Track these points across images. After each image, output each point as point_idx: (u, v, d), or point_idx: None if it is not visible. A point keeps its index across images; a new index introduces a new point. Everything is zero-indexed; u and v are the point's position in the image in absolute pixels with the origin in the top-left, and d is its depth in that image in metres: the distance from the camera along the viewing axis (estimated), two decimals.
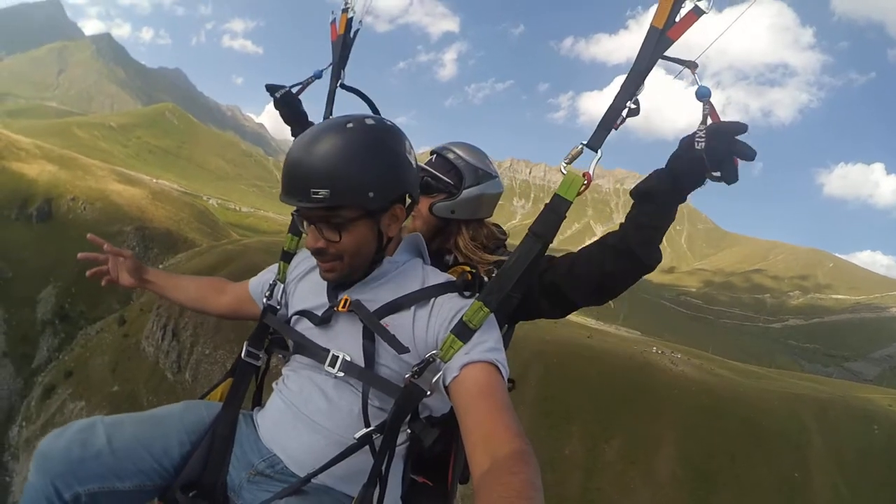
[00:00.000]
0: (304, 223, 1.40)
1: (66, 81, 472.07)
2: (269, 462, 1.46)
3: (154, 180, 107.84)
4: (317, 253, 1.39)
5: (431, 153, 1.97)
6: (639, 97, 1.29)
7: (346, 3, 2.02)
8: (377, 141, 1.33)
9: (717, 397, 35.28)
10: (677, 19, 1.25)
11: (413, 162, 1.44)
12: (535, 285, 1.59)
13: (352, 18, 2.03)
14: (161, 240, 71.51)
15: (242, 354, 1.70)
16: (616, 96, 1.30)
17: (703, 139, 1.24)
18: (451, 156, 1.90)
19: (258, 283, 1.83)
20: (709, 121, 1.25)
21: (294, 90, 2.08)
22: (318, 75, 2.05)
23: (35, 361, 55.78)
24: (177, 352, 43.66)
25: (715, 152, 1.23)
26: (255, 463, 1.48)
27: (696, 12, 1.24)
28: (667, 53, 1.27)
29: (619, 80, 1.33)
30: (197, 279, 2.08)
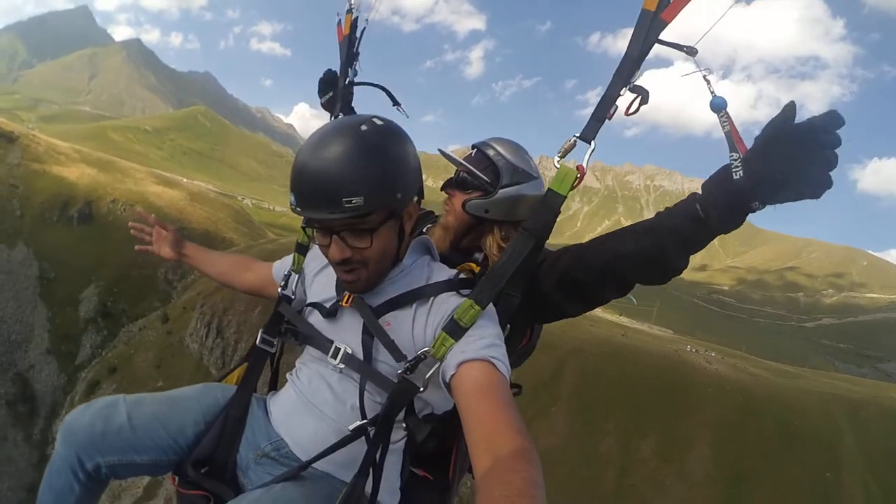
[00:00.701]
0: (321, 234, 1.39)
1: (98, 87, 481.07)
2: (275, 445, 1.53)
3: (191, 182, 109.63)
4: (343, 263, 1.37)
5: (472, 147, 1.92)
6: (643, 85, 1.25)
7: (350, 4, 2.07)
8: (395, 141, 1.34)
9: (751, 396, 35.45)
10: (669, 0, 1.20)
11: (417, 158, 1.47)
12: (542, 279, 1.58)
13: (356, 18, 2.07)
14: (200, 240, 68.38)
15: (257, 341, 1.77)
16: (609, 85, 1.28)
17: (739, 167, 1.13)
18: (490, 152, 1.84)
19: (280, 267, 1.90)
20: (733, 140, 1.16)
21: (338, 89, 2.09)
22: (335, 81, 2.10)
23: (78, 359, 57.29)
24: (220, 348, 44.48)
25: (775, 173, 1.11)
26: (263, 445, 1.54)
27: None
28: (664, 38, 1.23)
29: (650, 74, 1.29)
30: (228, 256, 2.21)
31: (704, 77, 1.17)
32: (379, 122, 1.33)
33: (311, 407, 1.50)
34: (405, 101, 1.98)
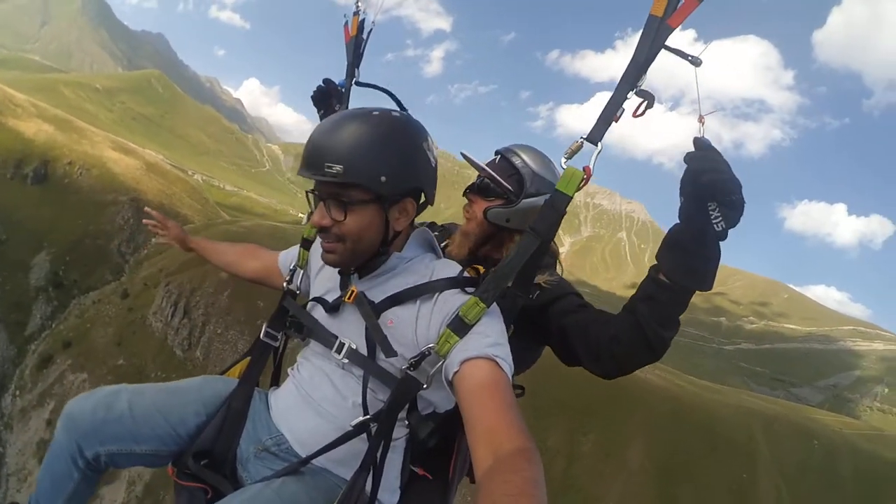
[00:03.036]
0: (315, 201, 1.48)
1: (48, 34, 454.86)
2: (276, 440, 1.52)
3: (146, 151, 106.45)
4: (321, 231, 1.41)
5: (496, 153, 1.89)
6: (647, 89, 1.28)
7: (357, 6, 2.08)
8: (397, 131, 1.36)
9: (679, 403, 39.80)
10: (676, 7, 1.22)
11: (433, 160, 1.46)
12: (555, 321, 1.62)
13: (363, 20, 2.09)
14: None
15: (261, 335, 1.77)
16: (616, 88, 1.29)
17: (719, 218, 1.21)
18: (516, 160, 1.81)
19: (286, 258, 1.91)
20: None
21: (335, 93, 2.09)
22: (342, 84, 2.08)
23: (28, 329, 55.05)
24: (188, 329, 43.83)
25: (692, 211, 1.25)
26: (264, 439, 1.53)
27: None
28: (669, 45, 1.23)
29: (602, 97, 1.32)
30: (234, 245, 2.23)
31: (700, 119, 1.24)
32: (395, 114, 1.40)
33: (311, 402, 1.50)
34: (361, 92, 2.01)
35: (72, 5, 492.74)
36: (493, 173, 1.81)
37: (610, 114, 1.29)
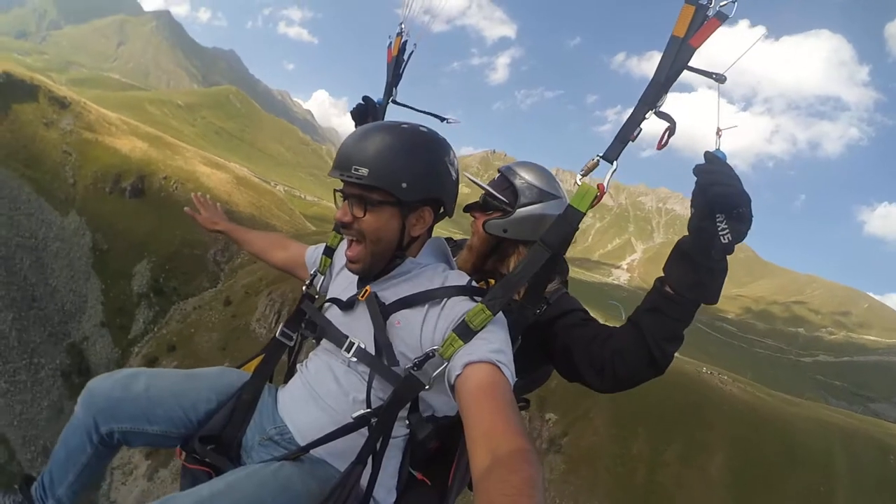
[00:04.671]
0: (342, 200, 1.54)
1: (125, 54, 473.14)
2: (279, 430, 1.61)
3: (236, 165, 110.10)
4: (342, 226, 1.53)
5: (498, 172, 1.99)
6: (668, 111, 1.29)
7: (401, 28, 2.16)
8: (422, 144, 1.47)
9: (759, 416, 40.58)
10: (698, 27, 1.23)
11: (454, 174, 1.55)
12: (559, 338, 1.66)
13: (405, 42, 2.17)
14: (246, 225, 61.81)
15: (277, 334, 1.88)
16: (635, 108, 1.31)
17: (726, 230, 1.28)
18: (510, 175, 1.90)
19: (313, 254, 2.04)
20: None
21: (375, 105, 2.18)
22: (381, 102, 2.18)
23: (132, 333, 56.67)
24: None
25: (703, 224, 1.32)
26: (268, 429, 1.63)
27: (720, 17, 1.21)
28: (693, 64, 1.25)
29: (670, 98, 1.27)
30: (267, 234, 2.42)
31: (718, 132, 1.27)
32: (423, 129, 1.50)
33: (315, 396, 1.58)
34: (427, 101, 2.95)
35: (146, 26, 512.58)
36: (488, 188, 1.91)
37: (627, 133, 1.33)
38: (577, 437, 35.27)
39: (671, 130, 1.29)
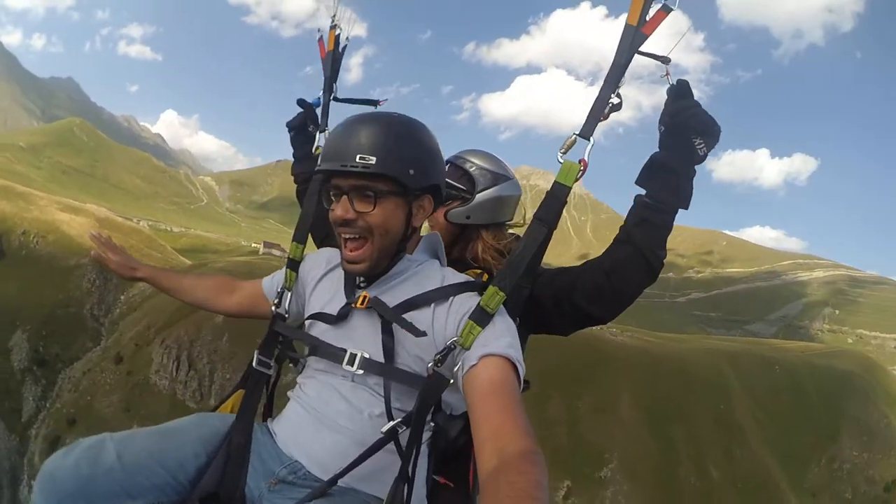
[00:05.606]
0: (333, 197, 1.40)
1: None
2: (290, 468, 1.40)
3: (95, 206, 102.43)
4: (344, 224, 1.37)
5: (446, 162, 1.89)
6: (620, 91, 1.43)
7: (334, 21, 2.09)
8: (419, 131, 1.43)
9: (653, 356, 44.71)
10: (648, 17, 1.40)
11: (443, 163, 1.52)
12: (545, 295, 1.62)
13: (339, 35, 2.10)
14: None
15: (253, 363, 1.65)
16: (601, 88, 1.44)
17: (702, 144, 1.50)
18: (462, 163, 1.90)
19: (272, 283, 1.81)
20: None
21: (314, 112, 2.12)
22: (317, 103, 2.10)
23: (24, 415, 50.85)
24: (196, 381, 43.32)
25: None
26: (277, 471, 1.41)
27: (665, 9, 1.39)
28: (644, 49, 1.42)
29: (522, 81, 1.88)
30: (202, 279, 2.02)
31: (668, 75, 1.49)
32: (410, 118, 1.47)
33: (324, 420, 1.41)
34: (282, 108, 3.31)
35: None
36: (447, 179, 1.80)
37: (598, 111, 1.44)
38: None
39: (615, 106, 1.46)
